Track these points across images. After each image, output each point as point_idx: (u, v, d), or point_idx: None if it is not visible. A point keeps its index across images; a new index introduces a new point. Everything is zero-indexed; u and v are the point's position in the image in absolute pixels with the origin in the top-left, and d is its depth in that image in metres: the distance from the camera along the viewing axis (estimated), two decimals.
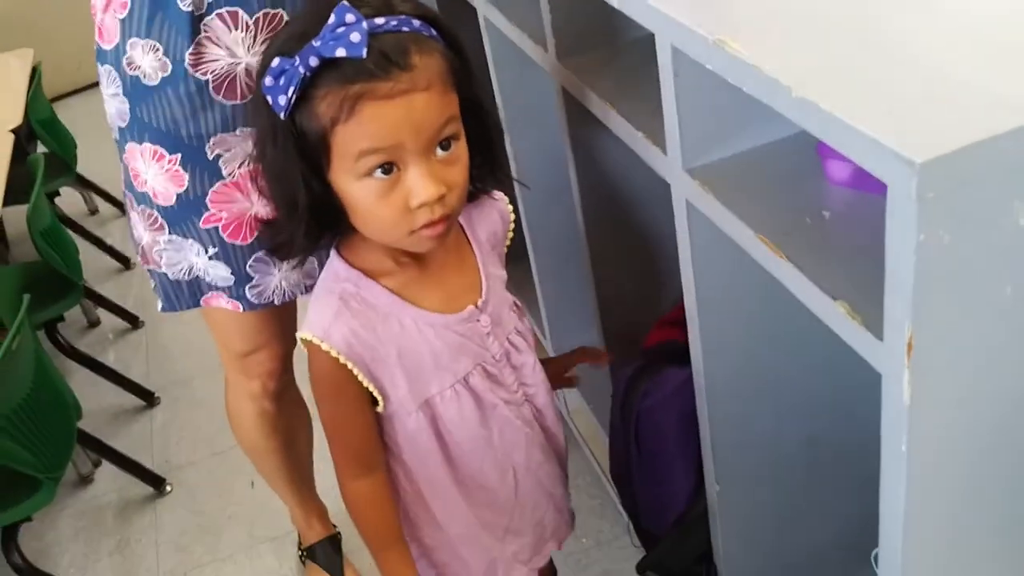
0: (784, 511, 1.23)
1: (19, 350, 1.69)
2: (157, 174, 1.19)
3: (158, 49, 1.12)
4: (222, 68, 1.13)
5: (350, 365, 0.96)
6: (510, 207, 1.11)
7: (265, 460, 1.63)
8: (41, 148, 2.83)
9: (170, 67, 1.12)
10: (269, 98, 0.86)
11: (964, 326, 0.66)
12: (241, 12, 1.10)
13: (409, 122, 0.84)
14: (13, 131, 2.55)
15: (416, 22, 0.87)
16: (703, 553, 1.26)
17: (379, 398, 1.00)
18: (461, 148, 0.91)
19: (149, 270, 1.31)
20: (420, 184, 0.87)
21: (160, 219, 1.22)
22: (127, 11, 1.12)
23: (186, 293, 1.27)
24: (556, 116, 1.31)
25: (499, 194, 1.09)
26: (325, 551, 1.76)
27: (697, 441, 1.16)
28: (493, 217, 1.08)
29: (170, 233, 1.22)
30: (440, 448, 1.05)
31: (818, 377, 1.13)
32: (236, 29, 1.10)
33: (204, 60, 1.12)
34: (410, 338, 0.98)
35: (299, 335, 0.97)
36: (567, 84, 1.22)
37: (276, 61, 0.85)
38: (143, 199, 1.23)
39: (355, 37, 0.82)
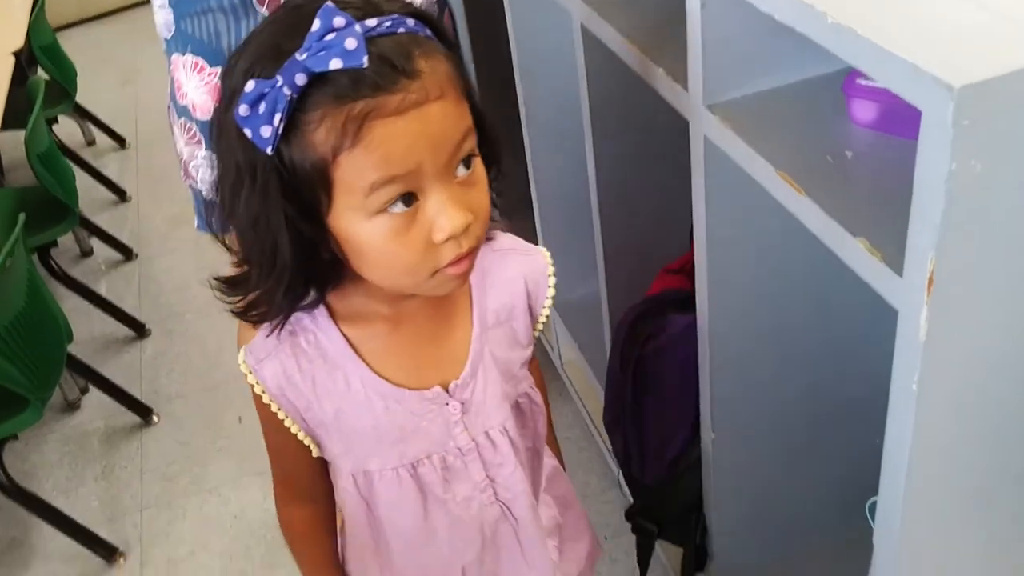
0: (778, 463, 1.23)
1: (12, 269, 1.67)
2: (197, 86, 1.19)
3: None
4: None
5: (275, 408, 0.83)
6: (551, 265, 0.91)
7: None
8: (42, 75, 2.79)
9: None
10: (248, 131, 0.68)
11: (988, 262, 0.66)
12: None
13: (426, 139, 0.69)
14: (14, 54, 2.51)
15: (410, 21, 0.71)
16: (693, 502, 1.26)
17: (312, 446, 0.87)
18: (480, 165, 0.75)
19: (189, 186, 1.31)
20: (445, 214, 0.71)
21: (198, 133, 1.23)
22: None
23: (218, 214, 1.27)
24: (573, 57, 1.29)
25: (538, 249, 0.92)
26: None
27: (695, 389, 1.15)
28: (517, 281, 0.89)
29: (207, 148, 1.21)
30: (370, 524, 0.91)
31: (823, 328, 1.13)
32: None
33: None
34: (353, 401, 0.83)
35: (239, 349, 0.83)
36: (586, 21, 1.20)
37: (251, 85, 0.67)
38: (183, 112, 1.23)
39: (351, 43, 0.66)
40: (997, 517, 0.83)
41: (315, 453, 0.87)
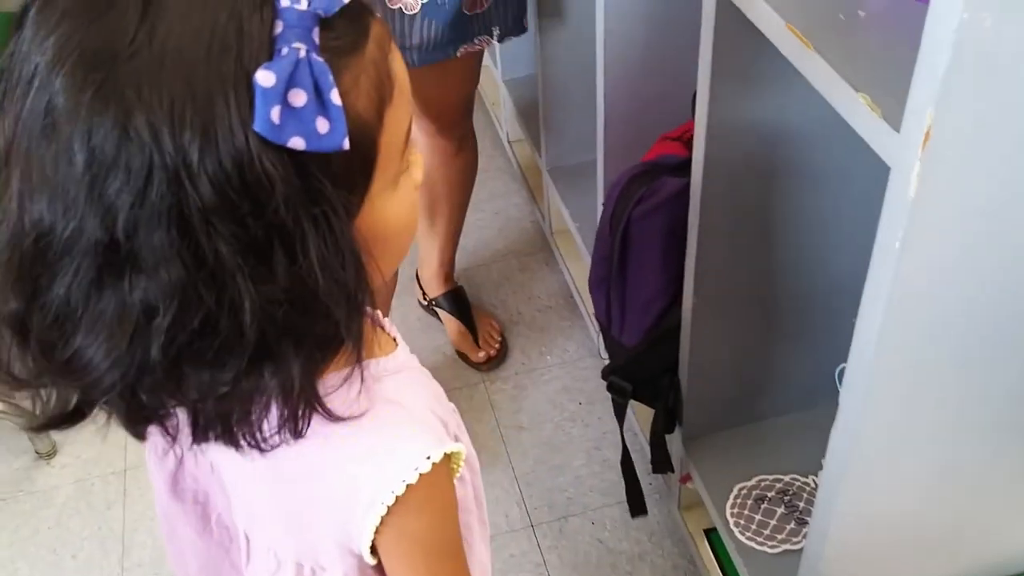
0: (755, 333, 1.26)
1: None
2: None
3: None
4: None
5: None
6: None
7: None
8: None
9: None
10: (298, 140, 0.47)
11: (986, 123, 0.66)
12: None
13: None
14: None
15: None
16: (669, 365, 1.29)
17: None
18: None
19: None
20: (413, 148, 0.59)
21: None
22: None
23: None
24: None
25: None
26: (449, 300, 1.85)
27: (682, 253, 1.17)
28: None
29: None
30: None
31: (814, 202, 1.13)
32: None
33: None
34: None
35: (400, 481, 0.60)
36: None
37: (266, 75, 0.46)
38: None
39: None
40: (966, 390, 0.86)
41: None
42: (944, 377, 0.84)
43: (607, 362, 1.40)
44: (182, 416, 0.56)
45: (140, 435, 0.59)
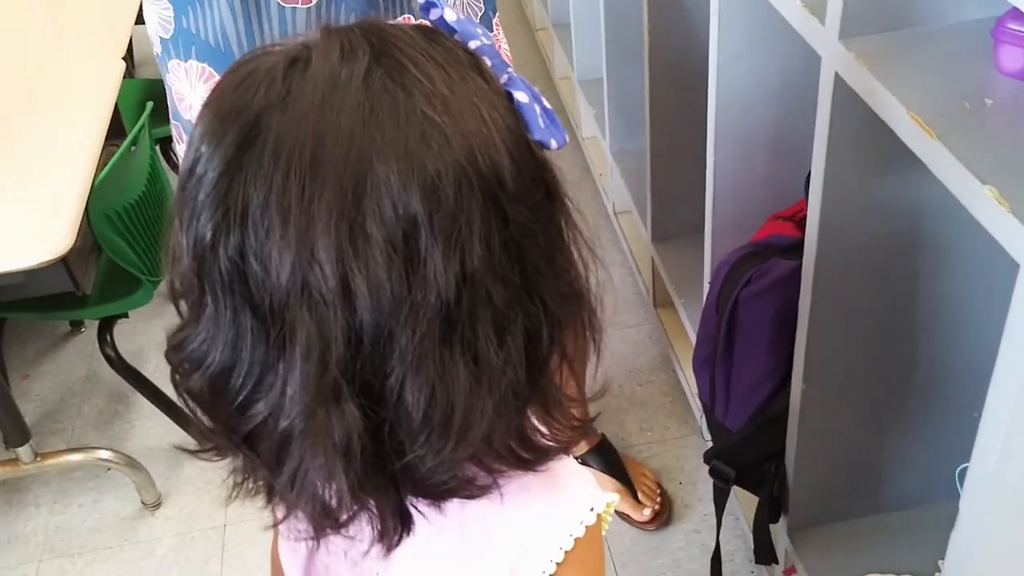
0: (866, 424, 1.20)
1: (136, 154, 1.74)
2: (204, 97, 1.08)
3: None
4: None
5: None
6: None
7: None
8: None
9: None
10: (554, 142, 0.53)
11: None
12: None
13: None
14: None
15: None
16: (774, 452, 1.24)
17: None
18: None
19: None
20: None
21: None
22: None
23: None
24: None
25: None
26: (597, 457, 1.68)
27: (791, 336, 1.13)
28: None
29: None
30: None
31: (932, 292, 1.09)
32: None
33: None
34: None
35: (569, 536, 0.60)
36: None
37: (520, 96, 0.52)
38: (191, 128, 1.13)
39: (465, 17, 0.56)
40: None
41: None
42: None
43: (709, 443, 1.36)
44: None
45: (337, 529, 0.56)
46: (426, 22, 0.53)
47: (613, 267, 2.20)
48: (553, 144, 0.52)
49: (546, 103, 0.53)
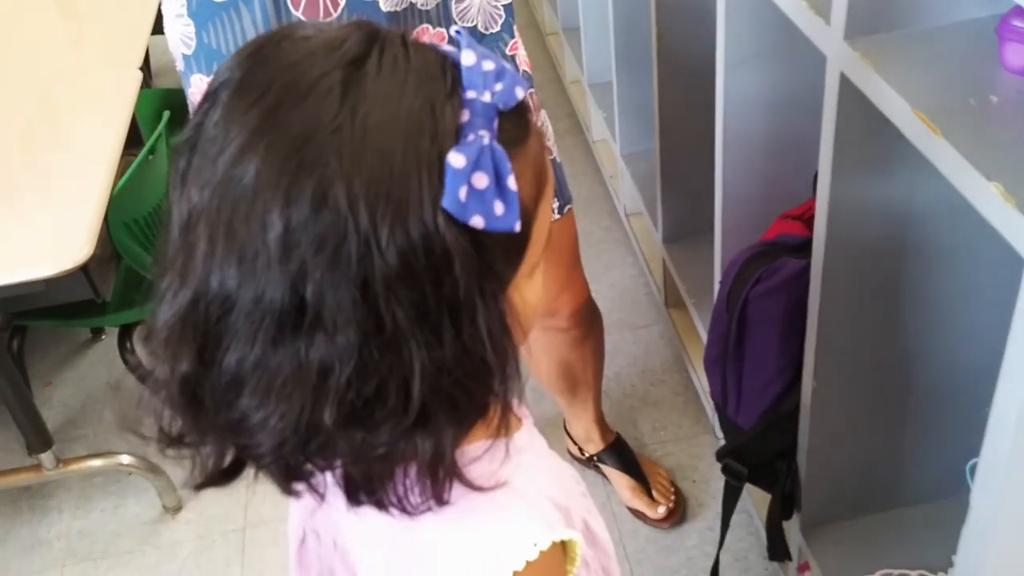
0: (877, 420, 1.21)
1: (154, 163, 1.76)
2: None
3: None
4: None
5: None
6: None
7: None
8: None
9: None
10: (479, 219, 0.50)
11: None
12: None
13: None
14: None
15: None
16: (786, 449, 1.25)
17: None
18: None
19: None
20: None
21: None
22: None
23: None
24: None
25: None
26: (612, 455, 1.71)
27: (801, 334, 1.14)
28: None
29: None
30: None
31: (941, 288, 1.09)
32: None
33: None
34: None
35: (508, 568, 0.60)
36: None
37: (457, 157, 0.49)
38: None
39: (505, 71, 0.53)
40: None
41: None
42: None
43: (722, 441, 1.37)
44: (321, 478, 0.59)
45: (291, 492, 0.60)
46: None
47: (624, 268, 2.21)
48: (475, 221, 0.50)
49: (510, 183, 0.51)
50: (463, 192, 0.49)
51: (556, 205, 1.31)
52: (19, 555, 1.77)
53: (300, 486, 0.59)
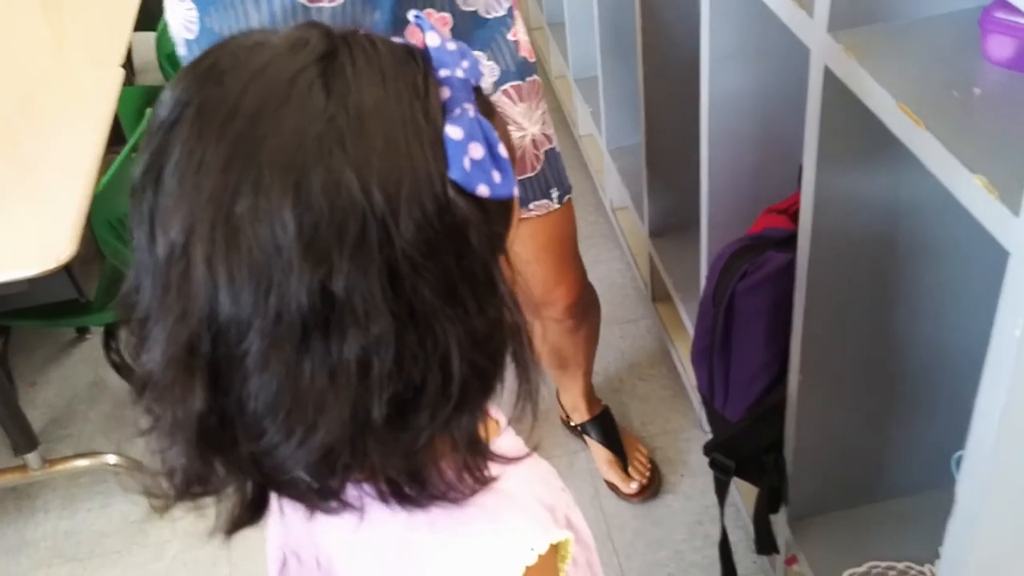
0: (863, 413, 1.21)
1: (137, 159, 1.75)
2: None
3: None
4: None
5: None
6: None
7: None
8: None
9: None
10: (483, 187, 0.51)
11: None
12: None
13: None
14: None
15: None
16: (773, 443, 1.26)
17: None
18: None
19: None
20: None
21: None
22: None
23: None
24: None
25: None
26: (596, 426, 1.74)
27: (787, 328, 1.14)
28: None
29: None
30: None
31: (924, 280, 1.10)
32: None
33: None
34: None
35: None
36: None
37: (455, 130, 0.50)
38: None
39: (454, 46, 0.54)
40: None
41: None
42: None
43: (710, 435, 1.37)
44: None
45: (327, 510, 0.57)
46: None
47: (611, 262, 2.21)
48: (480, 190, 0.51)
49: (501, 151, 0.52)
50: (466, 163, 0.50)
51: (556, 194, 1.32)
52: (5, 556, 1.76)
53: (334, 504, 0.56)
